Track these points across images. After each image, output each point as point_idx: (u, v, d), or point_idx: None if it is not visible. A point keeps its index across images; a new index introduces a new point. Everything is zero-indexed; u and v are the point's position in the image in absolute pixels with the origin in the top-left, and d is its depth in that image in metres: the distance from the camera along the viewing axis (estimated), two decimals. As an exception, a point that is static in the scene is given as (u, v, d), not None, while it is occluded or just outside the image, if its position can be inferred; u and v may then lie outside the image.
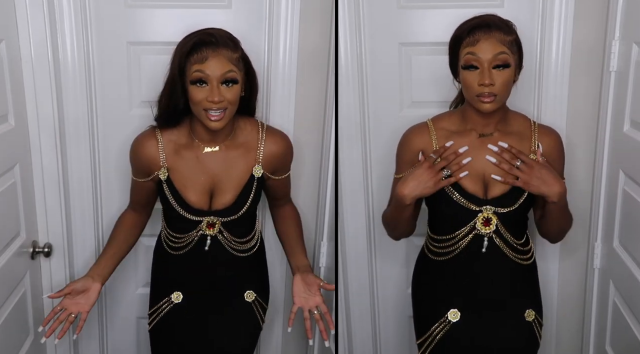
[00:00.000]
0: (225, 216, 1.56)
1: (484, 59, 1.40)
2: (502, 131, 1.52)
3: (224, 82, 1.42)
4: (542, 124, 1.58)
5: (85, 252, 1.94)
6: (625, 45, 1.61)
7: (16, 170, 1.70)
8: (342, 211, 1.94)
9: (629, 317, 1.60)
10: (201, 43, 1.41)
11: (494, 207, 1.47)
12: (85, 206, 1.90)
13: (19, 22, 1.70)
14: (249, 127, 1.59)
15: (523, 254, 1.53)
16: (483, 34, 1.41)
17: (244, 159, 1.56)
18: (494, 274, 1.51)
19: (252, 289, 1.68)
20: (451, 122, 1.57)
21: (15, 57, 1.69)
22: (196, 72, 1.41)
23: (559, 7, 1.71)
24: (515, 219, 1.50)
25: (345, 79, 1.84)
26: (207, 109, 1.42)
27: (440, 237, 1.54)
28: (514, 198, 1.47)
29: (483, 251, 1.48)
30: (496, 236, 1.48)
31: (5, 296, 1.62)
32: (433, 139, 1.54)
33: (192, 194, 1.55)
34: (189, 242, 1.60)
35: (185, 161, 1.55)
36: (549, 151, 1.52)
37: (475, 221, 1.47)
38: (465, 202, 1.47)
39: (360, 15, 1.81)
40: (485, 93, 1.40)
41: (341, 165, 1.90)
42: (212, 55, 1.41)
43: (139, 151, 1.57)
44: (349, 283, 2.02)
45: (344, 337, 2.06)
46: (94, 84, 1.82)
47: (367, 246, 1.99)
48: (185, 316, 1.64)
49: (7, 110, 1.65)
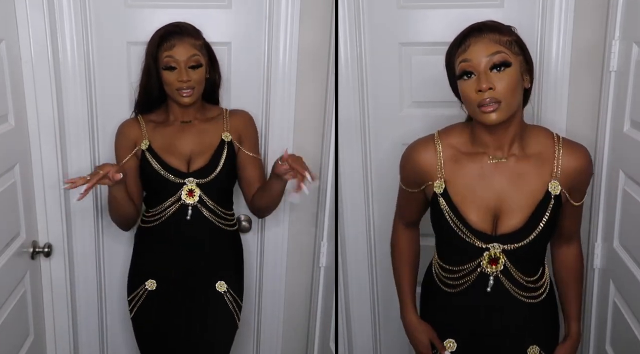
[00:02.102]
0: (202, 176, 1.66)
1: (477, 62, 1.25)
2: (519, 154, 1.33)
3: (190, 66, 1.61)
4: (569, 141, 1.37)
5: (85, 252, 1.94)
6: (625, 45, 1.61)
7: (16, 170, 1.70)
8: (342, 211, 1.94)
9: (629, 317, 1.60)
10: (169, 33, 1.62)
11: (503, 245, 1.31)
12: (85, 206, 1.90)
13: (19, 22, 1.70)
14: (215, 109, 1.79)
15: (533, 291, 1.37)
16: (474, 38, 1.27)
17: (214, 128, 1.72)
18: (498, 313, 1.38)
19: (224, 280, 1.72)
20: (462, 140, 1.38)
21: (15, 57, 1.69)
22: (167, 58, 1.61)
23: (559, 7, 1.71)
24: (527, 256, 1.34)
25: (345, 79, 1.84)
26: (179, 88, 1.61)
27: (447, 267, 1.41)
28: (527, 232, 1.31)
29: (488, 291, 1.34)
30: (503, 275, 1.33)
31: (5, 296, 1.62)
32: (439, 158, 1.37)
33: (172, 159, 1.68)
34: (167, 211, 1.66)
35: (164, 133, 1.71)
36: (573, 174, 1.34)
37: (481, 260, 1.33)
38: (470, 237, 1.32)
39: (360, 15, 1.81)
40: (485, 100, 1.23)
41: (341, 165, 1.90)
42: (179, 43, 1.61)
43: (125, 130, 1.72)
44: (349, 283, 2.02)
45: (344, 337, 2.06)
46: (94, 84, 1.82)
47: (367, 246, 1.99)
48: (161, 304, 1.70)
49: (7, 110, 1.65)
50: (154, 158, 1.67)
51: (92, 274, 1.97)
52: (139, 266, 1.75)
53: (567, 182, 1.34)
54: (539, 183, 1.33)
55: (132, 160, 1.70)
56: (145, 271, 1.71)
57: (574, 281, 1.49)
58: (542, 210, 1.32)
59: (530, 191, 1.33)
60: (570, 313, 1.49)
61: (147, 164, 1.67)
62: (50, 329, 1.95)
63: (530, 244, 1.31)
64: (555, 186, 1.33)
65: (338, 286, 1.93)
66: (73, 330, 1.99)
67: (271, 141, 1.89)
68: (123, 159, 1.69)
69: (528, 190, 1.33)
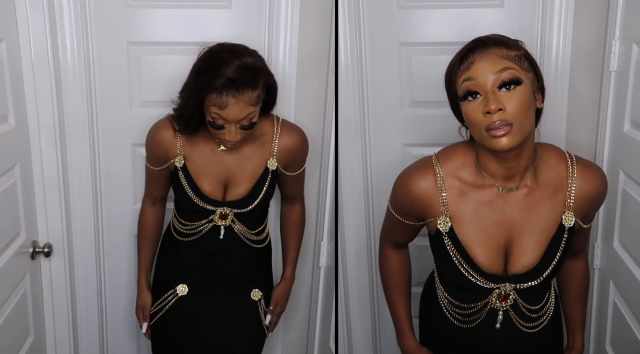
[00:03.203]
0: (239, 207, 1.57)
1: (483, 81, 1.11)
2: (531, 183, 1.20)
3: (242, 127, 1.43)
4: (583, 162, 1.24)
5: (86, 252, 1.94)
6: (625, 45, 1.61)
7: (16, 170, 1.70)
8: (342, 211, 1.94)
9: (629, 317, 1.60)
10: (224, 86, 1.37)
11: (514, 284, 1.21)
12: (85, 206, 1.90)
13: (19, 22, 1.69)
14: (266, 123, 1.59)
15: (535, 321, 1.30)
16: (479, 53, 1.13)
17: (259, 152, 1.58)
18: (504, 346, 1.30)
19: (259, 288, 1.70)
20: (465, 167, 1.22)
21: (15, 57, 1.69)
22: (214, 114, 1.41)
23: (559, 7, 1.71)
24: (538, 288, 1.25)
25: (345, 79, 1.84)
26: (224, 142, 1.47)
27: (453, 301, 1.30)
28: (540, 270, 1.21)
29: (497, 327, 1.26)
30: (512, 310, 1.26)
31: (5, 296, 1.62)
32: (440, 189, 1.22)
33: (207, 184, 1.57)
34: (200, 230, 1.60)
35: (201, 153, 1.57)
36: (587, 201, 1.23)
37: (490, 298, 1.24)
38: (480, 280, 1.21)
39: (360, 15, 1.81)
40: (495, 123, 1.08)
41: (341, 165, 1.90)
42: (233, 102, 1.38)
43: (156, 136, 1.58)
44: (349, 283, 2.02)
45: (344, 337, 2.06)
46: (94, 84, 1.82)
47: (367, 246, 1.99)
48: (190, 311, 1.65)
49: (7, 110, 1.65)
50: (187, 182, 1.56)
51: (92, 274, 1.97)
52: (167, 272, 1.69)
53: (580, 209, 1.23)
54: (552, 216, 1.22)
55: (164, 170, 1.62)
56: (176, 275, 1.66)
57: (579, 294, 1.45)
58: (556, 245, 1.22)
59: (544, 226, 1.21)
60: (575, 325, 1.45)
61: (179, 185, 1.57)
62: (50, 329, 1.95)
63: (544, 280, 1.22)
64: (570, 217, 1.22)
65: (338, 286, 1.93)
66: (73, 330, 1.99)
67: (271, 141, 1.89)
68: (153, 166, 1.62)
69: (542, 225, 1.21)
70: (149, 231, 1.73)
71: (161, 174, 1.63)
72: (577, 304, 1.45)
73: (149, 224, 1.73)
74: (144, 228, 1.74)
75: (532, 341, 1.31)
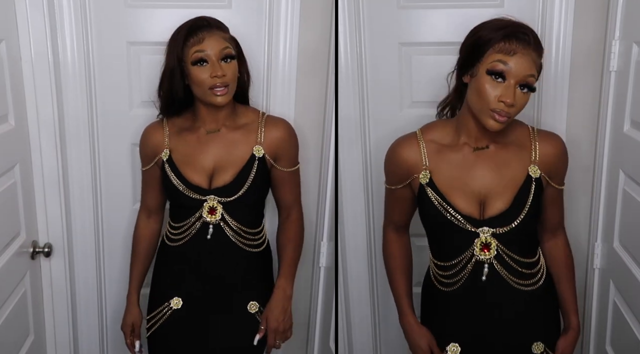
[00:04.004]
0: (225, 195, 1.55)
1: (515, 74, 1.26)
2: (499, 142, 1.40)
3: (222, 58, 1.49)
4: (543, 130, 1.47)
5: (86, 252, 1.94)
6: (625, 45, 1.61)
7: (16, 170, 1.70)
8: (342, 211, 1.94)
9: (629, 317, 1.60)
10: (195, 27, 1.50)
11: (492, 228, 1.35)
12: (85, 206, 1.90)
13: (19, 22, 1.70)
14: (250, 112, 1.65)
15: (529, 278, 1.40)
16: (522, 47, 1.28)
17: (245, 140, 1.59)
18: (497, 309, 1.40)
19: (257, 300, 1.61)
20: (444, 133, 1.44)
21: (15, 57, 1.69)
22: (196, 53, 1.48)
23: (559, 7, 1.71)
24: (518, 240, 1.37)
25: (345, 79, 1.84)
26: (212, 86, 1.48)
27: (441, 263, 1.43)
28: (514, 214, 1.35)
29: (483, 279, 1.36)
30: (497, 262, 1.36)
31: (5, 296, 1.62)
32: (422, 153, 1.43)
33: (192, 172, 1.57)
34: (190, 231, 1.57)
35: (187, 142, 1.59)
36: (550, 159, 1.41)
37: (474, 248, 1.36)
38: (461, 222, 1.36)
39: (360, 15, 1.81)
40: (502, 112, 1.27)
41: (341, 165, 1.90)
42: (208, 36, 1.49)
43: (147, 137, 1.65)
44: (349, 283, 2.02)
45: (344, 337, 2.06)
46: (94, 84, 1.82)
47: (367, 246, 1.99)
48: (185, 325, 1.60)
49: (7, 110, 1.65)
50: (172, 172, 1.57)
51: (92, 274, 1.97)
52: (163, 283, 1.65)
53: (545, 167, 1.40)
54: (519, 168, 1.39)
55: (154, 169, 1.63)
56: (170, 286, 1.62)
57: (565, 273, 1.49)
58: (525, 192, 1.37)
59: (512, 175, 1.38)
60: (568, 307, 1.49)
61: (166, 177, 1.58)
62: (50, 329, 1.95)
63: (519, 226, 1.34)
64: (535, 169, 1.39)
65: (338, 286, 1.93)
66: (73, 330, 1.99)
67: (271, 141, 1.89)
68: (145, 166, 1.65)
69: (510, 175, 1.38)
70: (142, 247, 1.71)
71: (152, 174, 1.64)
72: (566, 285, 1.49)
73: (142, 239, 1.71)
74: (137, 244, 1.71)
75: (525, 305, 1.40)
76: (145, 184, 1.69)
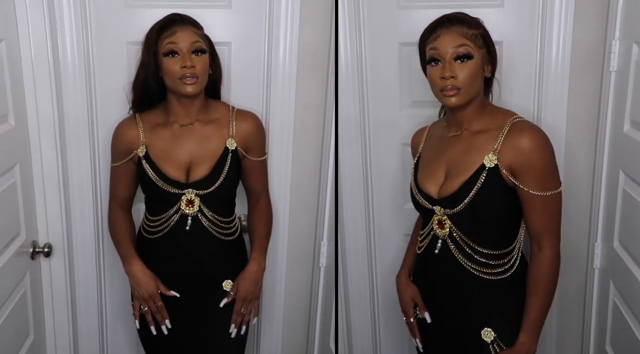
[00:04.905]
0: (202, 188, 1.61)
1: (444, 52, 1.40)
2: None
3: (193, 51, 1.57)
4: (526, 122, 1.45)
5: (85, 252, 1.94)
6: (625, 45, 1.61)
7: (16, 170, 1.70)
8: (342, 211, 1.94)
9: (629, 317, 1.60)
10: (169, 21, 1.59)
11: (444, 209, 1.45)
12: (85, 206, 1.90)
13: (19, 22, 1.70)
14: (220, 106, 1.72)
15: (483, 266, 1.44)
16: (444, 28, 1.42)
17: (218, 134, 1.66)
18: (448, 282, 1.49)
19: (231, 279, 1.69)
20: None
21: (15, 57, 1.69)
22: (168, 44, 1.56)
23: (559, 7, 1.71)
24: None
25: (345, 79, 1.84)
26: (182, 76, 1.55)
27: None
28: (459, 198, 1.43)
29: (436, 252, 1.47)
30: (449, 240, 1.46)
31: (5, 296, 1.62)
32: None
33: (170, 167, 1.62)
34: (169, 223, 1.63)
35: (162, 138, 1.65)
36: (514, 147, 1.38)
37: (432, 224, 1.48)
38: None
39: (360, 15, 1.81)
40: (447, 87, 1.39)
41: (341, 165, 1.90)
42: (180, 30, 1.57)
43: (121, 133, 1.69)
44: (349, 283, 2.02)
45: (344, 337, 2.06)
46: (94, 84, 1.82)
47: (367, 246, 1.99)
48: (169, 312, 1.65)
49: (7, 110, 1.65)
50: (150, 168, 1.62)
51: (92, 274, 1.97)
52: None
53: (506, 160, 1.39)
54: (478, 157, 1.43)
55: (128, 164, 1.67)
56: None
57: (535, 290, 1.42)
58: (475, 179, 1.42)
59: (469, 162, 1.43)
60: (524, 323, 1.42)
61: (144, 173, 1.63)
62: (50, 329, 1.95)
63: (466, 209, 1.40)
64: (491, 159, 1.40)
65: (338, 286, 1.93)
66: (73, 330, 1.99)
67: (271, 141, 1.88)
68: (118, 162, 1.68)
69: (468, 162, 1.44)
70: (126, 232, 1.71)
71: (125, 169, 1.68)
72: (531, 300, 1.42)
73: (124, 226, 1.72)
74: (121, 230, 1.71)
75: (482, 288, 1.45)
76: (118, 178, 1.71)
